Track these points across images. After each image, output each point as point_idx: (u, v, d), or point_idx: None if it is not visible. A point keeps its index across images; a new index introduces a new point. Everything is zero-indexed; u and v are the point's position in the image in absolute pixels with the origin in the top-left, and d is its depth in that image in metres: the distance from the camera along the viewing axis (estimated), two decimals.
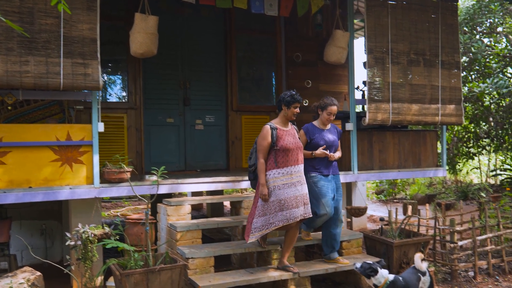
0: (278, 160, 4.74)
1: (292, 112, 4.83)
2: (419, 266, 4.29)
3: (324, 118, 5.26)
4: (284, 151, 4.75)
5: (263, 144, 4.74)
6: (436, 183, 15.07)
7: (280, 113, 4.90)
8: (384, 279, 4.14)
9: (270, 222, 4.69)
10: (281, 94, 4.89)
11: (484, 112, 12.74)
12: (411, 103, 6.52)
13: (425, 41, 6.68)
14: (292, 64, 8.43)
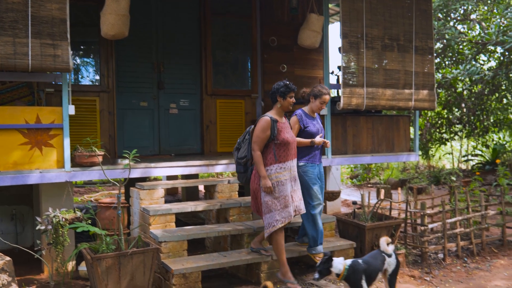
0: (279, 154, 4.60)
1: (289, 103, 4.69)
2: (385, 249, 4.32)
3: (316, 107, 5.17)
4: (285, 145, 4.62)
5: (261, 136, 4.54)
6: (409, 168, 15.30)
7: (275, 105, 4.72)
8: (342, 265, 4.11)
9: (276, 219, 4.56)
10: (274, 86, 4.71)
11: (456, 98, 12.95)
12: (385, 88, 6.56)
13: (399, 27, 6.71)
14: (268, 49, 8.39)
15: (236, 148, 4.93)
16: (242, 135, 4.91)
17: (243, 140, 4.86)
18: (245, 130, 5.09)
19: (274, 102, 4.74)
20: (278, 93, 4.65)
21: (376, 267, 4.25)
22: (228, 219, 5.57)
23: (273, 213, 4.56)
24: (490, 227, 6.58)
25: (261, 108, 8.34)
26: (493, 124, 13.92)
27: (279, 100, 4.68)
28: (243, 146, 4.84)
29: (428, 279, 5.27)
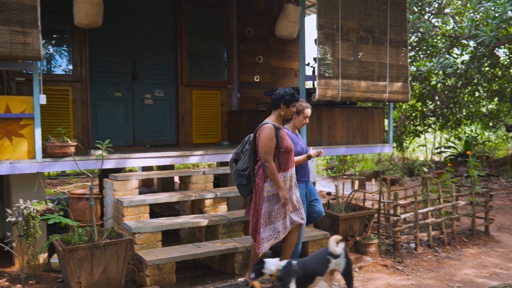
0: (283, 162, 4.41)
1: (291, 112, 4.52)
2: (333, 249, 4.11)
3: (299, 122, 4.85)
4: (287, 152, 4.44)
5: (271, 145, 4.28)
6: (384, 160, 15.51)
7: (276, 111, 4.47)
8: (275, 266, 4.04)
9: (278, 231, 4.37)
10: (279, 92, 4.45)
11: (430, 91, 13.15)
12: (360, 80, 6.61)
13: (374, 19, 6.76)
14: (244, 39, 8.37)
15: (234, 159, 4.61)
16: (240, 146, 4.60)
17: (241, 151, 4.56)
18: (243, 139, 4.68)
19: (275, 108, 4.48)
20: (283, 100, 4.41)
21: (313, 270, 4.08)
22: (203, 210, 5.56)
23: (276, 225, 4.37)
24: (461, 217, 6.71)
25: (237, 99, 8.33)
26: (466, 116, 14.21)
27: (282, 108, 4.44)
28: (243, 158, 4.53)
29: (400, 268, 5.36)
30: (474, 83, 13.05)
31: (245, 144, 4.54)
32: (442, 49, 11.57)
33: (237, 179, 4.53)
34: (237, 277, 4.90)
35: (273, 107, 4.50)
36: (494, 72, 12.94)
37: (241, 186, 4.52)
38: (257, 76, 8.51)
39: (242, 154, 4.54)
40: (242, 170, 4.48)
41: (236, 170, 4.54)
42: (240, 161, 4.53)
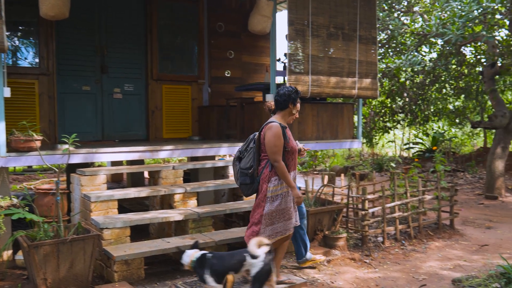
0: (288, 163, 4.32)
1: (297, 109, 4.44)
2: (252, 250, 3.93)
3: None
4: (292, 153, 4.38)
5: (279, 144, 4.19)
6: (354, 156, 15.70)
7: (284, 111, 4.36)
8: (189, 258, 4.03)
9: (277, 232, 4.30)
10: (284, 92, 4.33)
11: (399, 88, 13.35)
12: (329, 76, 6.67)
13: (344, 16, 6.82)
14: (215, 34, 8.34)
15: (237, 157, 4.45)
16: (244, 144, 4.45)
17: (245, 149, 4.41)
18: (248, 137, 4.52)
19: (283, 109, 4.36)
20: (291, 99, 4.32)
21: (227, 266, 3.99)
22: (172, 205, 5.53)
23: (275, 226, 4.29)
24: (427, 211, 6.87)
25: (207, 94, 8.29)
26: (433, 113, 14.50)
27: (290, 107, 4.35)
28: (247, 156, 4.37)
29: (367, 261, 5.45)
30: (441, 80, 13.32)
31: (249, 142, 4.39)
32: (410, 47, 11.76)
33: (240, 178, 4.39)
34: None
35: (280, 108, 4.37)
36: (461, 70, 13.24)
37: (244, 185, 4.38)
38: (228, 71, 8.49)
39: (246, 153, 4.39)
40: (246, 169, 4.34)
41: (239, 169, 4.40)
42: (244, 160, 4.38)
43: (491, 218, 7.81)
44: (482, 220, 7.65)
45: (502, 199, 9.46)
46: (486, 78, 10.31)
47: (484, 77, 10.43)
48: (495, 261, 5.33)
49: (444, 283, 4.77)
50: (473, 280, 4.50)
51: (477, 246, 6.18)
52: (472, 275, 4.76)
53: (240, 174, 4.38)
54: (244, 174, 4.35)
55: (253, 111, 7.05)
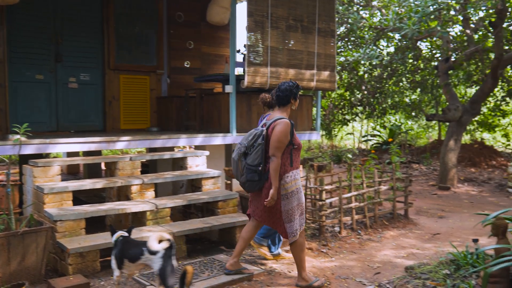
0: (295, 159, 4.29)
1: (296, 105, 4.41)
2: (150, 245, 3.73)
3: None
4: (299, 150, 4.36)
5: (285, 142, 4.16)
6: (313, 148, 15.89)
7: (286, 107, 4.34)
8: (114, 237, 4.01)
9: (296, 229, 4.30)
10: (285, 87, 4.29)
11: (358, 81, 13.57)
12: (288, 68, 6.71)
13: (303, 8, 6.86)
14: (174, 24, 8.24)
15: (243, 152, 4.27)
16: (251, 139, 4.26)
17: (252, 145, 4.25)
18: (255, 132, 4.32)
19: (285, 104, 4.33)
20: (292, 94, 4.29)
21: (124, 254, 3.90)
22: (129, 197, 5.45)
23: (293, 223, 4.28)
24: (383, 202, 7.04)
25: (166, 85, 8.20)
26: (390, 106, 14.83)
27: (292, 102, 4.34)
28: (255, 152, 4.22)
29: (324, 251, 5.54)
30: (398, 74, 13.63)
31: (257, 138, 4.23)
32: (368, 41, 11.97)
33: (248, 175, 4.23)
34: None
35: (281, 104, 4.33)
36: (417, 65, 13.58)
37: (252, 182, 4.24)
38: (188, 62, 8.42)
39: (253, 149, 4.23)
40: (255, 165, 4.20)
41: (246, 165, 4.24)
42: (252, 156, 4.23)
43: (443, 208, 8.07)
44: (435, 210, 7.89)
45: (454, 189, 9.78)
46: (441, 72, 10.60)
47: (439, 71, 10.72)
48: (446, 248, 5.51)
49: (398, 270, 4.90)
50: (424, 267, 4.64)
51: (430, 234, 6.37)
52: (424, 263, 4.91)
53: (248, 170, 4.23)
54: (253, 171, 4.21)
55: (213, 102, 7.02)
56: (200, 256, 5.14)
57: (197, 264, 4.75)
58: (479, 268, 4.15)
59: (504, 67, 10.46)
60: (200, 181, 6.04)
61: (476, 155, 12.75)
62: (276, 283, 4.46)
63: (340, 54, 12.20)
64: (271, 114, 4.44)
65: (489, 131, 15.64)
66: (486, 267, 3.77)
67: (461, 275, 4.26)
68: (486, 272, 3.55)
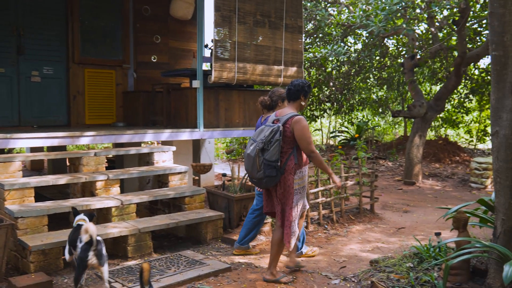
0: (303, 156, 4.41)
1: (305, 103, 4.52)
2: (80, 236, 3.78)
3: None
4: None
5: (310, 135, 4.31)
6: None
7: (296, 103, 4.40)
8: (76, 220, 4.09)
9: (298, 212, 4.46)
10: (297, 83, 4.38)
11: (326, 78, 13.68)
12: (256, 64, 6.71)
13: (270, 4, 6.86)
14: (141, 18, 8.12)
15: (261, 148, 4.21)
16: (269, 134, 4.21)
17: (270, 140, 4.21)
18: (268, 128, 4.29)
19: (294, 100, 4.39)
20: (303, 91, 4.38)
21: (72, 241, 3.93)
22: (94, 193, 5.36)
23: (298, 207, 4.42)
24: (349, 197, 7.11)
25: (133, 79, 8.09)
26: (358, 102, 15.01)
27: (301, 99, 4.41)
28: (272, 148, 4.20)
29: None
30: (365, 71, 13.80)
31: (275, 134, 4.20)
32: (336, 37, 12.08)
33: (267, 170, 4.20)
34: (129, 259, 4.81)
35: (291, 99, 4.40)
36: (384, 62, 13.78)
37: (270, 177, 4.22)
38: (155, 56, 8.32)
39: (270, 145, 4.20)
40: (274, 161, 4.20)
41: (264, 161, 4.20)
42: (270, 152, 4.20)
43: (408, 203, 8.23)
44: (400, 205, 8.04)
45: (419, 184, 9.99)
46: (406, 69, 10.78)
47: (405, 68, 10.90)
48: (410, 242, 5.62)
49: (363, 264, 4.97)
50: (389, 261, 4.72)
51: (395, 229, 6.49)
52: (389, 256, 4.99)
53: (266, 166, 4.20)
54: (272, 166, 4.21)
55: (180, 97, 6.96)
56: (166, 252, 5.09)
57: (163, 260, 4.71)
58: (441, 260, 4.25)
59: (467, 65, 10.73)
60: (166, 177, 5.98)
61: (440, 151, 13.05)
62: (243, 278, 4.46)
63: (308, 50, 12.27)
64: (282, 110, 4.46)
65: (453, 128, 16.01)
66: (447, 259, 3.87)
67: (424, 267, 4.35)
68: (447, 265, 3.63)
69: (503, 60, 3.43)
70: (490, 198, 4.19)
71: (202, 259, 4.76)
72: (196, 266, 4.52)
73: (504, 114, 3.49)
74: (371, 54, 11.42)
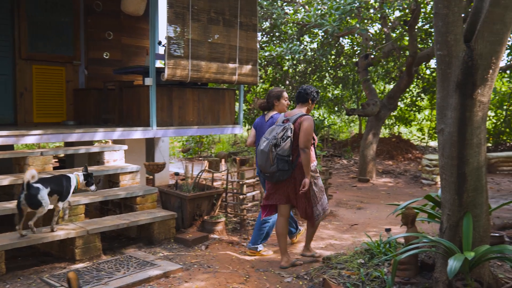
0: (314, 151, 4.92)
1: (312, 107, 4.97)
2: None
3: (282, 107, 5.28)
4: (315, 142, 4.98)
5: (312, 134, 4.69)
6: (239, 142, 15.92)
7: (304, 105, 4.87)
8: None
9: (324, 208, 4.90)
10: (307, 88, 4.88)
11: (283, 76, 13.74)
12: (210, 61, 6.64)
13: (224, 1, 6.80)
14: (92, 13, 7.90)
15: (274, 144, 4.61)
16: (281, 131, 4.64)
17: (282, 137, 4.63)
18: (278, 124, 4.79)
19: (303, 102, 4.86)
20: (311, 96, 4.85)
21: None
22: None
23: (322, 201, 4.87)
24: None
25: (84, 76, 7.86)
26: None
27: (309, 103, 4.88)
28: (284, 144, 4.61)
29: (245, 244, 5.54)
30: (321, 69, 13.95)
31: (287, 131, 4.62)
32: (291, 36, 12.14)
33: (280, 165, 4.59)
34: (77, 262, 4.66)
35: (300, 101, 4.88)
36: (339, 61, 13.97)
37: (283, 171, 4.62)
38: (107, 53, 8.12)
39: (282, 141, 4.61)
40: (286, 156, 4.60)
41: (277, 155, 4.59)
42: (282, 147, 4.60)
43: (362, 200, 8.36)
44: (354, 202, 8.16)
45: (373, 181, 10.18)
46: (361, 68, 10.96)
47: (359, 67, 11.09)
48: (362, 239, 5.70)
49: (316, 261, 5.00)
50: (341, 258, 4.77)
51: (348, 225, 6.57)
52: (341, 253, 5.05)
53: (280, 161, 4.59)
54: (284, 161, 4.60)
55: (132, 95, 6.80)
56: (117, 254, 4.97)
57: (112, 262, 4.59)
58: (390, 256, 4.32)
59: (418, 64, 11.00)
60: (117, 176, 5.84)
61: (393, 149, 13.36)
62: (195, 279, 4.40)
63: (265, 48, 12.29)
64: (291, 111, 4.89)
65: (406, 126, 16.42)
66: (396, 254, 3.94)
67: (375, 263, 4.41)
68: (395, 260, 3.69)
69: (448, 59, 3.51)
70: (437, 194, 4.30)
71: (153, 260, 4.67)
72: (147, 268, 4.43)
73: (449, 112, 3.57)
74: (325, 53, 11.55)
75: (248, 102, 14.31)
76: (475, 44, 3.41)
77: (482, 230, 3.66)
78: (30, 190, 4.26)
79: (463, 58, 3.44)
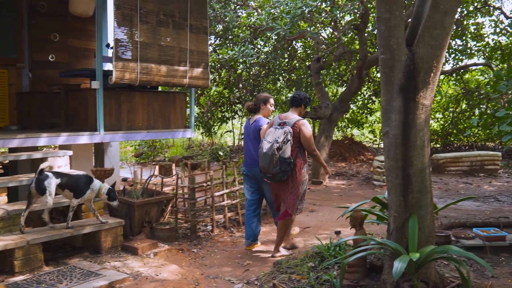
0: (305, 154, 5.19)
1: (304, 111, 5.33)
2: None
3: (267, 112, 5.62)
4: None
5: (312, 136, 5.10)
6: (194, 146, 15.77)
7: (297, 109, 5.26)
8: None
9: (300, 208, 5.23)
10: (301, 93, 5.26)
11: (236, 79, 13.70)
12: (160, 64, 6.51)
13: (174, 3, 6.70)
14: (36, 14, 7.61)
15: (278, 147, 4.94)
16: (283, 136, 4.97)
17: (283, 141, 4.97)
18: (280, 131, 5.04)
19: (297, 106, 5.26)
20: (304, 101, 5.26)
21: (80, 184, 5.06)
22: None
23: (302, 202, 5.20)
24: None
25: (28, 79, 7.56)
26: None
27: (302, 107, 5.28)
28: (285, 147, 4.96)
29: (195, 250, 5.45)
30: (275, 73, 14.00)
31: (287, 135, 4.97)
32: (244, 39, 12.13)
33: (282, 166, 4.94)
34: (17, 274, 4.43)
35: (294, 105, 5.27)
36: (292, 64, 14.06)
37: (285, 172, 4.99)
38: (53, 55, 7.84)
39: (284, 144, 4.95)
40: (287, 158, 4.95)
41: (280, 158, 4.92)
42: (284, 151, 4.95)
43: (315, 202, 8.40)
44: (307, 204, 8.17)
45: (326, 184, 10.27)
46: (313, 72, 11.05)
47: (311, 71, 11.18)
48: (313, 242, 5.71)
49: (267, 266, 4.96)
50: (291, 262, 4.75)
51: (300, 228, 6.57)
52: (292, 257, 5.03)
53: (283, 163, 4.95)
54: (287, 163, 4.96)
55: (79, 98, 6.59)
56: (60, 264, 4.76)
57: (54, 273, 4.40)
58: (339, 258, 4.34)
59: (368, 68, 11.20)
60: None
61: (346, 151, 13.54)
62: None
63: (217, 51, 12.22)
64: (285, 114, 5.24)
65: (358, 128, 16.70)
66: (344, 257, 3.95)
67: (325, 266, 4.42)
68: (343, 263, 3.70)
69: (391, 63, 3.55)
70: (384, 196, 4.34)
71: (99, 269, 4.51)
72: (91, 278, 4.27)
73: (393, 115, 3.61)
74: (278, 56, 11.59)
75: (201, 105, 14.19)
76: (416, 48, 3.47)
77: (428, 230, 3.72)
78: (40, 175, 4.71)
79: (405, 61, 3.49)
